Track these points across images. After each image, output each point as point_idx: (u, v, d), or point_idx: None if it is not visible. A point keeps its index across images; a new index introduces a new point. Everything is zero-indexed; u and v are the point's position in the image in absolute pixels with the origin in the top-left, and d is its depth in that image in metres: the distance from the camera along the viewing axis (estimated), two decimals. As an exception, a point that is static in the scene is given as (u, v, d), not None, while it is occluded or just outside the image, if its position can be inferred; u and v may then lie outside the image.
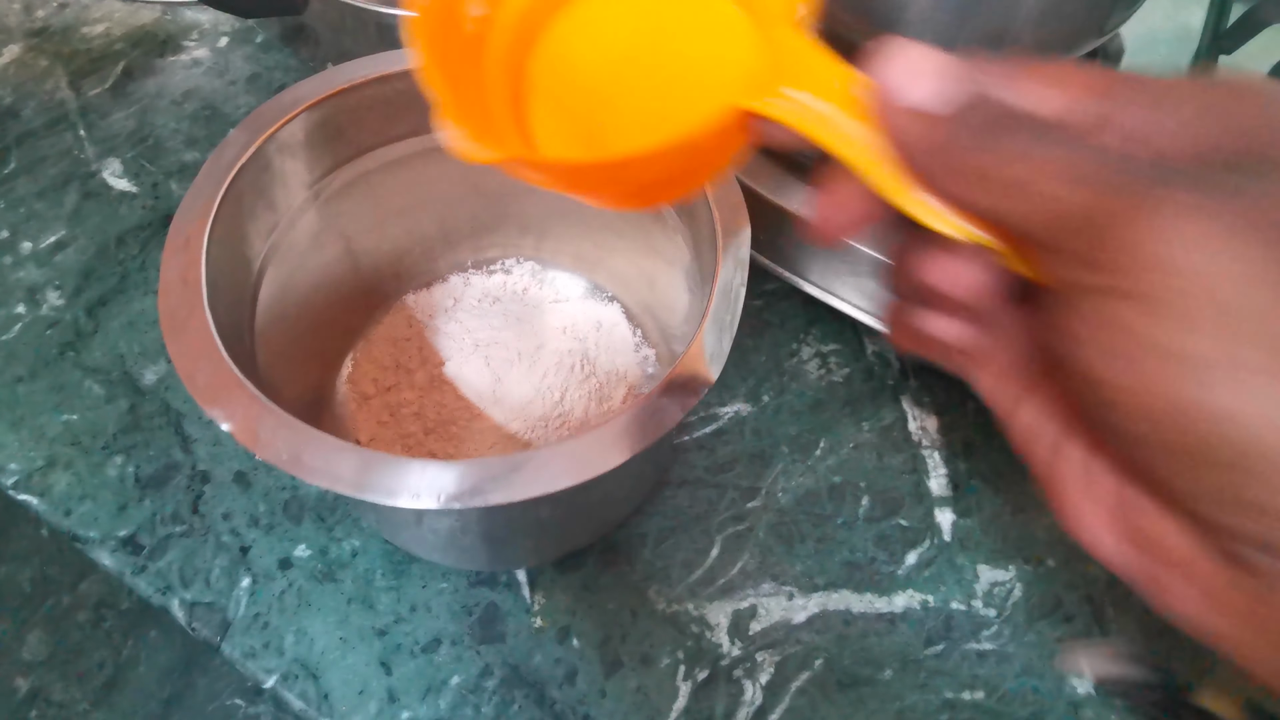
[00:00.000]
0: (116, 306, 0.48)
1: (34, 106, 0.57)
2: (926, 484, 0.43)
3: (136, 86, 0.59)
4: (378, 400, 0.42)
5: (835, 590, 0.40)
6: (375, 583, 0.39)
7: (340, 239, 0.41)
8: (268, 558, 0.40)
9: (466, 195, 0.43)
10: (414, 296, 0.46)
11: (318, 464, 0.26)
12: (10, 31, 0.62)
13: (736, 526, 0.42)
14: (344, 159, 0.38)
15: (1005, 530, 0.42)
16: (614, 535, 0.41)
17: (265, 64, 0.60)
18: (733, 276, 0.31)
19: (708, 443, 0.44)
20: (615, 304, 0.46)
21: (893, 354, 0.48)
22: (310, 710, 0.37)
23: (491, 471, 0.26)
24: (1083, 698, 0.38)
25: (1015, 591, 0.40)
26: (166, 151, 0.55)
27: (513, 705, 0.37)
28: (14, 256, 0.50)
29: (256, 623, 0.38)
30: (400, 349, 0.44)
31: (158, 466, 0.42)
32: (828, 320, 0.49)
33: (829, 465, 0.44)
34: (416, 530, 0.37)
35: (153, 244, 0.51)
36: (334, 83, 0.36)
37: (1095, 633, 0.39)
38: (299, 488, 0.42)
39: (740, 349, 0.47)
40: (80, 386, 0.45)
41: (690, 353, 0.29)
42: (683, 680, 0.38)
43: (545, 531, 0.38)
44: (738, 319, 0.30)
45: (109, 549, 0.40)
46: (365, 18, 0.45)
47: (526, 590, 0.39)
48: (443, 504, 0.26)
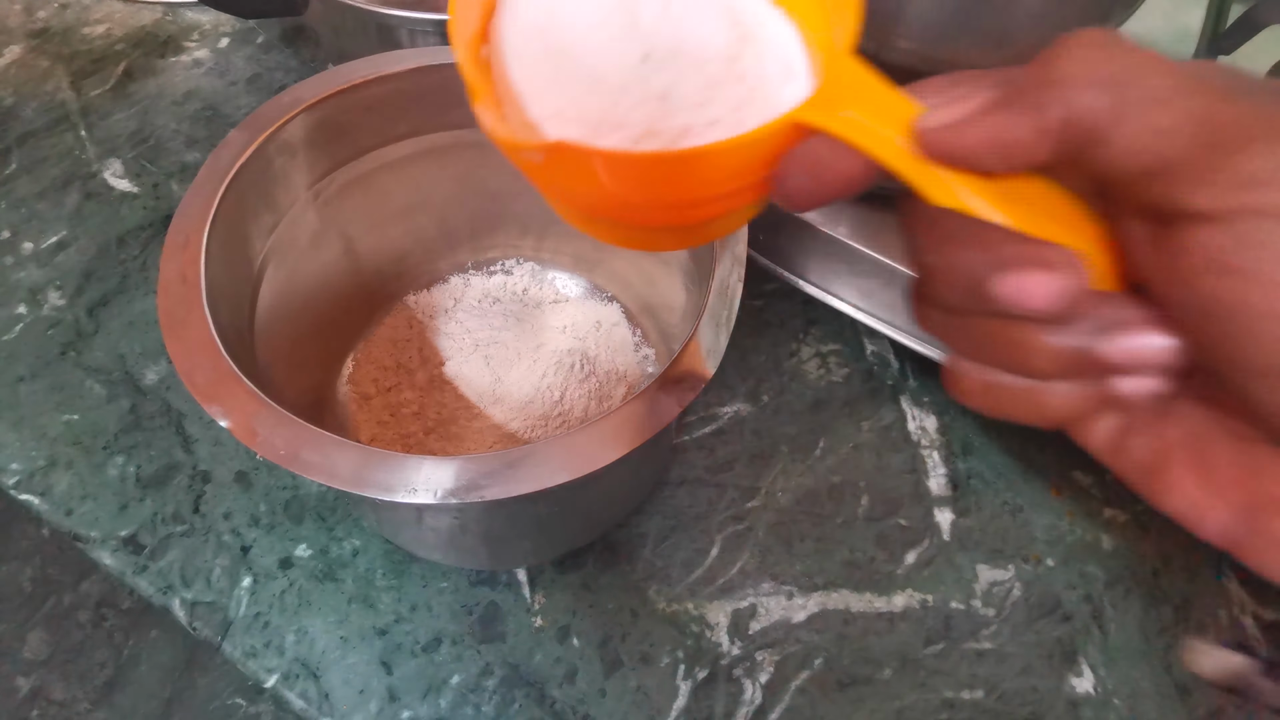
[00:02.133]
0: (117, 307, 0.48)
1: (35, 107, 0.57)
2: (926, 484, 0.43)
3: (137, 87, 0.59)
4: (378, 400, 0.42)
5: (835, 590, 0.40)
6: (376, 582, 0.39)
7: (340, 239, 0.41)
8: (268, 557, 0.40)
9: (467, 196, 0.43)
10: (414, 297, 0.46)
11: (316, 460, 0.26)
12: (11, 32, 0.62)
13: (736, 526, 0.42)
14: (344, 159, 0.38)
15: (1004, 530, 0.42)
16: (614, 535, 0.41)
17: (266, 65, 0.60)
18: (729, 274, 0.31)
19: (707, 442, 0.44)
20: (615, 304, 0.46)
21: (892, 354, 0.48)
22: (311, 709, 0.37)
23: (489, 467, 0.26)
24: (1082, 697, 0.38)
25: (1014, 591, 0.40)
26: (167, 152, 0.55)
27: (513, 704, 0.37)
28: (15, 257, 0.50)
29: (257, 622, 0.38)
30: (401, 349, 0.44)
31: (159, 466, 0.43)
32: (828, 320, 0.49)
33: (828, 465, 0.44)
34: (417, 529, 0.37)
35: (153, 244, 0.51)
36: (334, 83, 0.36)
37: (1094, 632, 0.39)
38: (300, 487, 0.42)
39: (740, 349, 0.47)
40: (81, 386, 0.45)
41: (687, 349, 0.29)
42: (682, 679, 0.38)
43: (545, 530, 0.38)
44: (734, 316, 0.30)
45: (110, 549, 0.40)
46: (365, 18, 0.45)
47: (527, 590, 0.39)
48: (440, 499, 0.26)
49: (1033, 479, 0.44)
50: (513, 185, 0.43)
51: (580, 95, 0.20)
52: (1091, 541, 0.42)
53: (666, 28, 0.21)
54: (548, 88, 0.20)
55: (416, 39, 0.44)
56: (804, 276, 0.46)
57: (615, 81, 0.20)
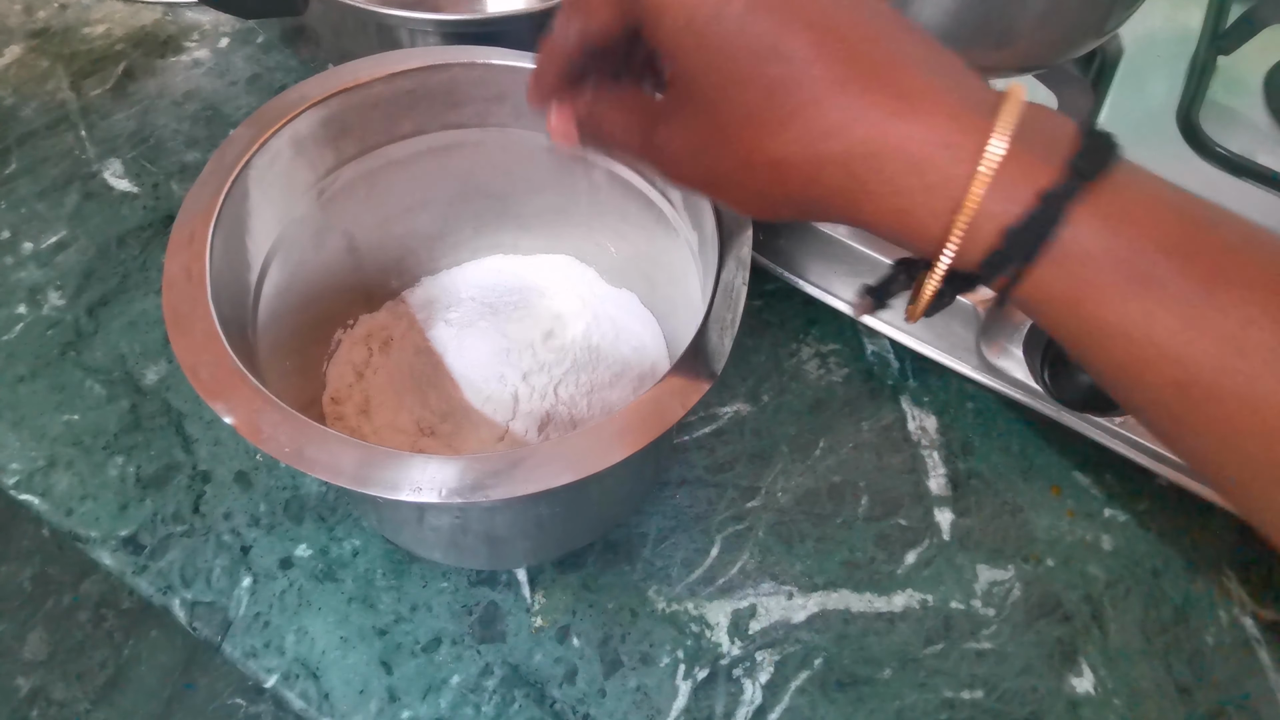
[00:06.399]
0: (117, 307, 0.48)
1: (35, 107, 0.57)
2: (926, 484, 0.43)
3: (137, 87, 0.59)
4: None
5: (835, 590, 0.40)
6: (376, 582, 0.39)
7: (343, 236, 0.41)
8: (269, 557, 0.40)
9: (469, 194, 0.43)
10: (415, 294, 0.46)
11: (320, 457, 0.26)
12: (11, 32, 0.62)
13: (736, 526, 0.42)
14: (347, 157, 0.38)
15: (1004, 530, 0.42)
16: (614, 535, 0.41)
17: (266, 65, 0.60)
18: (734, 276, 0.31)
19: (708, 442, 0.44)
20: (616, 303, 0.46)
21: (892, 354, 0.48)
22: (311, 710, 0.37)
23: (493, 466, 0.26)
24: (1082, 697, 0.38)
25: (1014, 591, 0.40)
26: (167, 152, 0.55)
27: (513, 704, 0.37)
28: (15, 257, 0.50)
29: (257, 622, 0.38)
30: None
31: (159, 466, 0.43)
32: (828, 320, 0.49)
33: (828, 465, 0.44)
34: (417, 529, 0.37)
35: (153, 244, 0.51)
36: (340, 81, 0.36)
37: (1094, 632, 0.39)
38: (300, 487, 0.42)
39: (740, 349, 0.47)
40: (81, 386, 0.45)
41: (691, 350, 0.29)
42: (682, 679, 0.38)
43: (545, 530, 0.38)
44: (739, 318, 0.30)
45: (110, 549, 0.40)
46: (365, 18, 0.45)
47: (526, 590, 0.39)
48: (444, 498, 0.26)
49: (1033, 479, 0.44)
50: (514, 184, 0.43)
51: None
52: (1091, 541, 0.42)
53: None
54: None
55: (416, 39, 0.44)
56: (804, 276, 0.47)
57: None
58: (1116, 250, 0.19)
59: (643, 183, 0.39)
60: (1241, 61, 0.47)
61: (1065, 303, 0.20)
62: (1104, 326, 0.20)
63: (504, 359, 0.42)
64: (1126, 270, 0.19)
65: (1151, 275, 0.19)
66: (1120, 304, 0.20)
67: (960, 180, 0.20)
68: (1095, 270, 0.20)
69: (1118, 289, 0.20)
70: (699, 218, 0.35)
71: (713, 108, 0.22)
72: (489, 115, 0.39)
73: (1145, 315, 0.19)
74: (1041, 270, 0.20)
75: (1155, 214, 0.20)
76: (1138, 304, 0.19)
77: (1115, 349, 0.20)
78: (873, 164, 0.21)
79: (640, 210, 0.40)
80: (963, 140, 0.20)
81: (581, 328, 0.44)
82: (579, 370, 0.42)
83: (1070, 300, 0.20)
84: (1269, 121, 0.46)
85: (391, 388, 0.42)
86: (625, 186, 0.40)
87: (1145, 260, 0.19)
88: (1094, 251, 0.20)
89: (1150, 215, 0.20)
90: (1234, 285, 0.19)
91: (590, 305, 0.45)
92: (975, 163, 0.20)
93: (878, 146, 0.20)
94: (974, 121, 0.20)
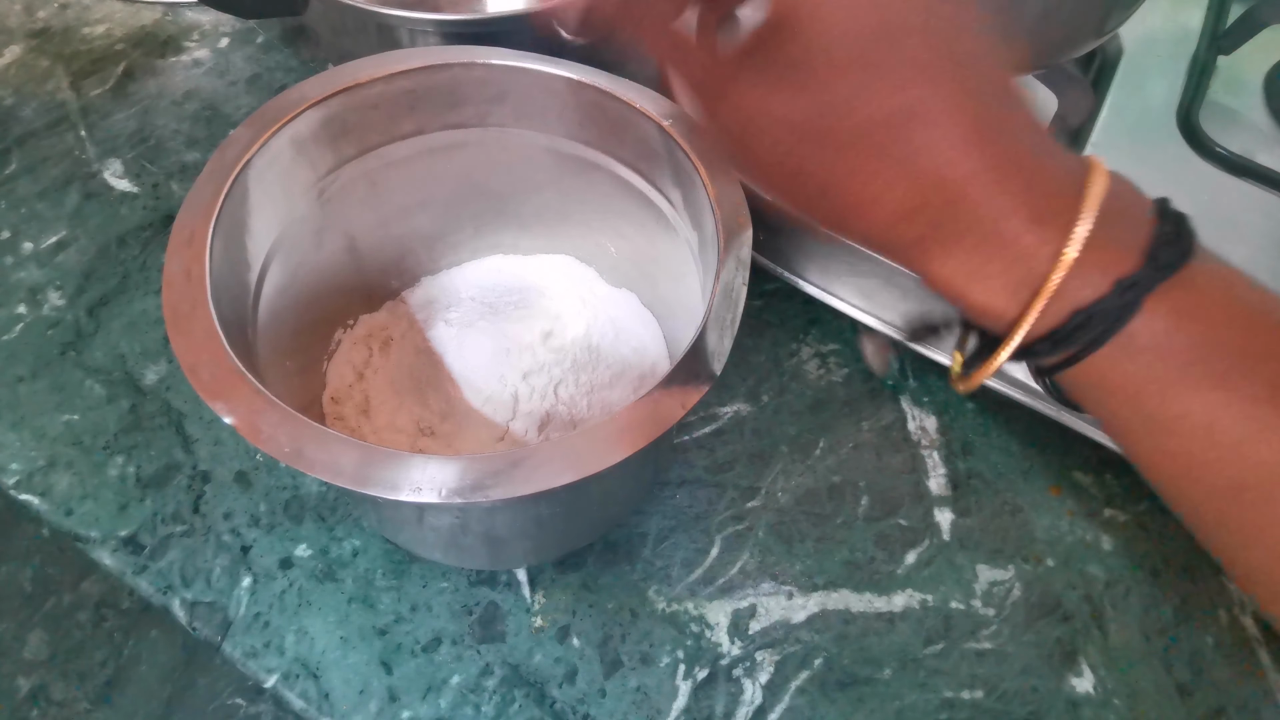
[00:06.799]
0: (117, 307, 0.48)
1: (35, 107, 0.57)
2: (926, 484, 0.43)
3: (137, 87, 0.59)
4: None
5: (835, 590, 0.40)
6: (376, 582, 0.39)
7: (343, 236, 0.41)
8: (268, 557, 0.40)
9: (468, 194, 0.43)
10: (415, 294, 0.46)
11: (320, 457, 0.26)
12: (11, 32, 0.62)
13: (736, 526, 0.42)
14: (348, 157, 0.38)
15: (1004, 530, 0.42)
16: (614, 535, 0.41)
17: (266, 65, 0.60)
18: (734, 276, 0.31)
19: (708, 442, 0.44)
20: (616, 303, 0.46)
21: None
22: (311, 710, 0.37)
23: (493, 466, 0.26)
24: (1082, 697, 0.38)
25: (1014, 591, 0.40)
26: (167, 152, 0.55)
27: (513, 705, 0.37)
28: (15, 257, 0.50)
29: (257, 622, 0.38)
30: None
31: (159, 466, 0.43)
32: (828, 320, 0.49)
33: (828, 465, 0.44)
34: (417, 529, 0.37)
35: (154, 244, 0.51)
36: (340, 80, 0.36)
37: (1094, 632, 0.39)
38: (300, 487, 0.42)
39: (740, 349, 0.47)
40: (81, 386, 0.45)
41: (691, 351, 0.29)
42: (683, 679, 0.38)
43: (545, 530, 0.38)
44: (739, 319, 0.30)
45: (110, 549, 0.40)
46: (365, 18, 0.45)
47: (526, 590, 0.39)
48: (444, 498, 0.26)
49: (1033, 479, 0.44)
50: (514, 184, 0.43)
51: None
52: (1091, 541, 0.42)
53: None
54: None
55: (416, 39, 0.44)
56: (804, 276, 0.47)
57: None
58: (1187, 345, 0.19)
59: (643, 183, 0.39)
60: (1241, 61, 0.47)
61: (1125, 391, 0.20)
62: (1164, 420, 0.20)
63: (504, 359, 0.42)
64: (1195, 366, 0.19)
65: (1220, 374, 0.19)
66: (1185, 399, 0.19)
67: (1044, 259, 0.19)
68: (1163, 363, 0.19)
69: (1185, 384, 0.19)
70: (699, 218, 0.35)
71: (823, 89, 0.21)
72: (489, 115, 0.39)
73: (1209, 414, 0.19)
74: (1105, 356, 0.20)
75: (1229, 311, 0.19)
76: (1202, 401, 0.19)
77: (1172, 444, 0.20)
78: (961, 225, 0.20)
79: (640, 210, 0.40)
80: (1052, 219, 0.19)
81: (581, 328, 0.44)
82: (579, 370, 0.42)
83: (1131, 390, 0.20)
84: (1269, 121, 0.46)
85: (391, 388, 0.42)
86: (625, 186, 0.40)
87: (1215, 358, 0.19)
88: (1164, 344, 0.19)
89: (1224, 312, 0.19)
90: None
91: (590, 305, 0.45)
92: (1061, 243, 0.19)
93: (975, 206, 0.20)
94: (1063, 200, 0.20)
